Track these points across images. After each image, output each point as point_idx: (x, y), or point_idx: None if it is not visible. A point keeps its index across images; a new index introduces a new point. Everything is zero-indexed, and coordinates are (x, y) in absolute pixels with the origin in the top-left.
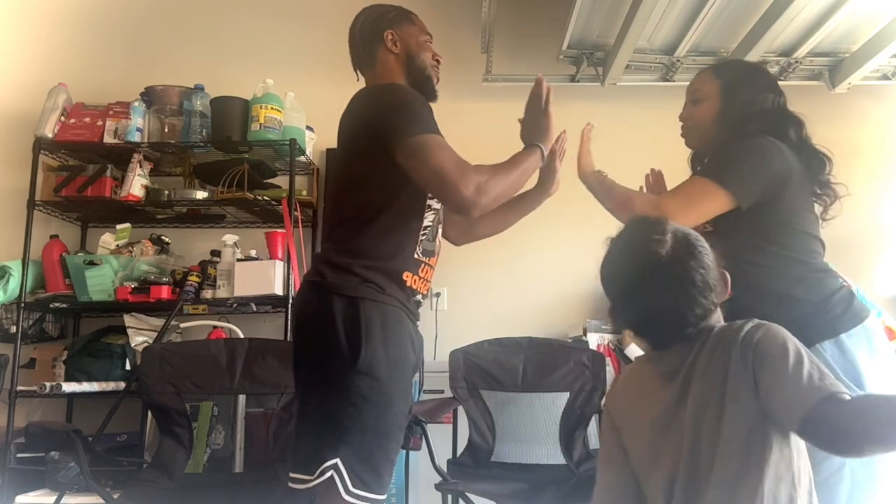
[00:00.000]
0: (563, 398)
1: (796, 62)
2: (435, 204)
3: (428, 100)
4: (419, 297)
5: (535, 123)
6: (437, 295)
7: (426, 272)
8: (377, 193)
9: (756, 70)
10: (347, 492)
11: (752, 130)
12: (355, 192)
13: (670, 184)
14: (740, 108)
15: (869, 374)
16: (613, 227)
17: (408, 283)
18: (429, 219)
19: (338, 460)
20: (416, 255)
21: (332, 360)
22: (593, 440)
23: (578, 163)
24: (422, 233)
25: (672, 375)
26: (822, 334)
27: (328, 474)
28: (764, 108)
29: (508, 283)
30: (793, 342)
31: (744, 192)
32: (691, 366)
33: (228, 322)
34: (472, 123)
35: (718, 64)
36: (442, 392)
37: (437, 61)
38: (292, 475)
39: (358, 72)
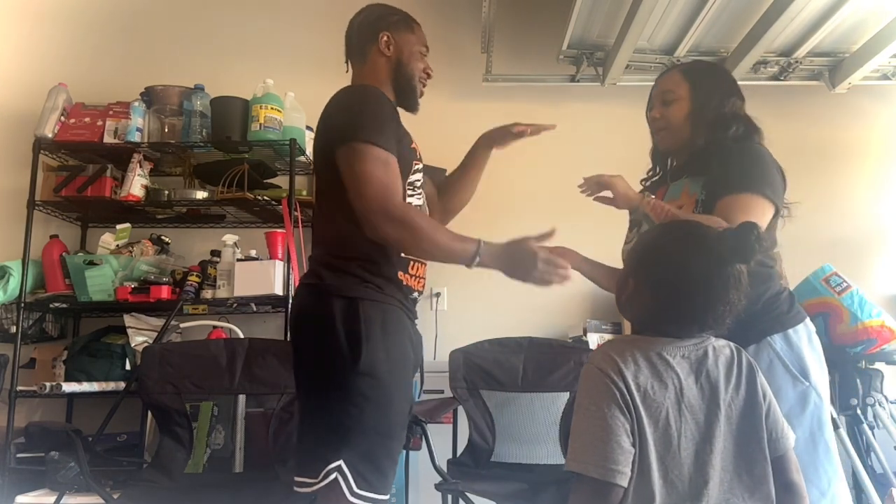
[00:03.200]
0: (563, 398)
1: (796, 62)
2: (417, 200)
3: (408, 110)
4: (415, 294)
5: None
6: (437, 295)
7: (417, 269)
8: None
9: (722, 72)
10: (352, 493)
11: (735, 135)
12: (336, 195)
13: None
14: (713, 110)
15: (812, 365)
16: (614, 226)
17: (404, 283)
18: None
19: (341, 462)
20: (403, 254)
21: (332, 361)
22: None
23: (618, 194)
24: None
25: (697, 364)
26: (772, 329)
27: (332, 476)
28: (734, 111)
29: (508, 282)
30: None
31: (780, 201)
32: (715, 363)
33: (228, 322)
34: (472, 123)
35: (685, 64)
36: (442, 392)
37: (428, 74)
38: (297, 479)
39: (348, 63)
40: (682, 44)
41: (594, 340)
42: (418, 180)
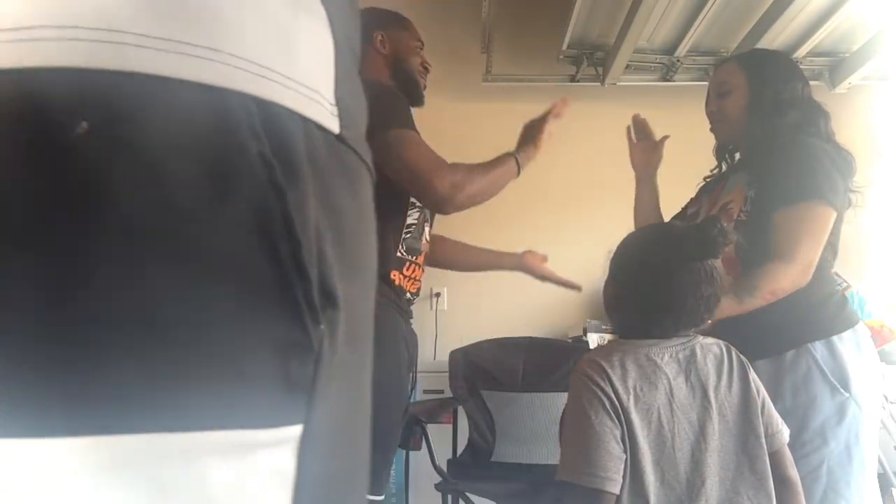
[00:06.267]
0: (563, 398)
1: (797, 62)
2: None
3: (414, 104)
4: (409, 295)
5: (528, 133)
6: (437, 295)
7: (413, 270)
8: None
9: (780, 57)
10: None
11: (790, 122)
12: None
13: (669, 179)
14: (771, 97)
15: (856, 376)
16: (615, 226)
17: (396, 283)
18: (413, 216)
19: None
20: (399, 254)
21: None
22: None
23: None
24: (405, 231)
25: (685, 363)
26: (814, 334)
27: None
28: (794, 96)
29: (508, 282)
30: None
31: (842, 205)
32: (704, 361)
33: None
34: (472, 123)
35: (742, 54)
36: (442, 392)
37: (426, 68)
38: None
39: None
40: (682, 44)
41: (594, 340)
42: None
